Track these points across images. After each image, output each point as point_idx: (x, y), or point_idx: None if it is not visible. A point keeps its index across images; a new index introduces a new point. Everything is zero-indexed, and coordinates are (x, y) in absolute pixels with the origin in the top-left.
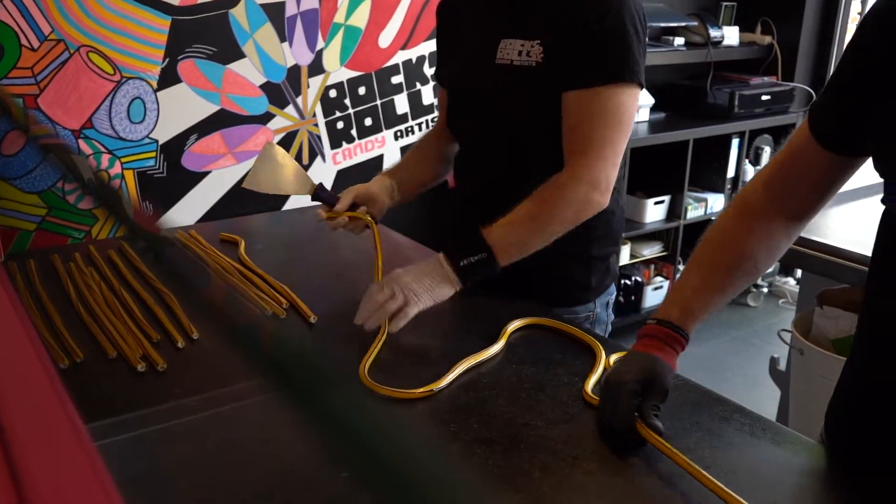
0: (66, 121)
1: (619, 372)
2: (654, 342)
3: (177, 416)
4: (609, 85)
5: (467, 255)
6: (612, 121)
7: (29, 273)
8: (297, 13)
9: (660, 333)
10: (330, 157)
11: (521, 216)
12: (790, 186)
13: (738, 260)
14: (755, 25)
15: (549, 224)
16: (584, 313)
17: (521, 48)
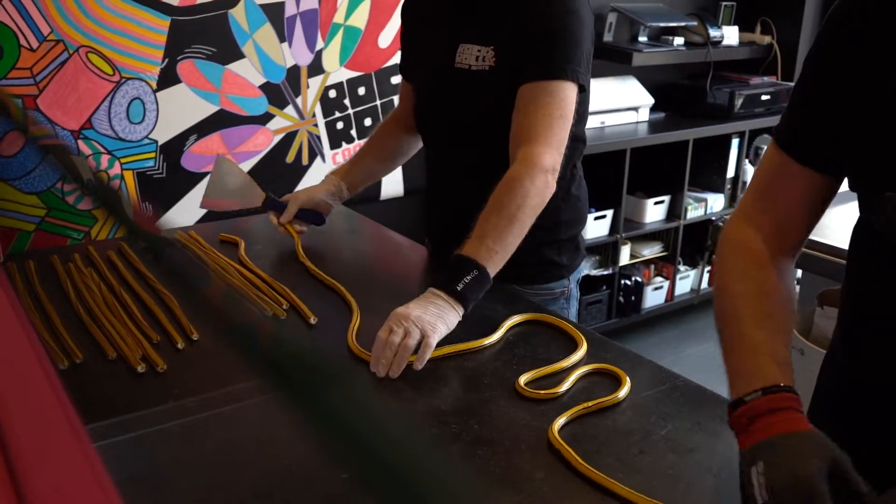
0: (65, 121)
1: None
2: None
3: (176, 417)
4: (555, 80)
5: (461, 277)
6: (555, 113)
7: (28, 274)
8: (297, 13)
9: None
10: (329, 157)
11: (494, 220)
12: (781, 220)
13: (786, 303)
14: (755, 25)
15: (521, 218)
16: (559, 289)
17: (478, 53)
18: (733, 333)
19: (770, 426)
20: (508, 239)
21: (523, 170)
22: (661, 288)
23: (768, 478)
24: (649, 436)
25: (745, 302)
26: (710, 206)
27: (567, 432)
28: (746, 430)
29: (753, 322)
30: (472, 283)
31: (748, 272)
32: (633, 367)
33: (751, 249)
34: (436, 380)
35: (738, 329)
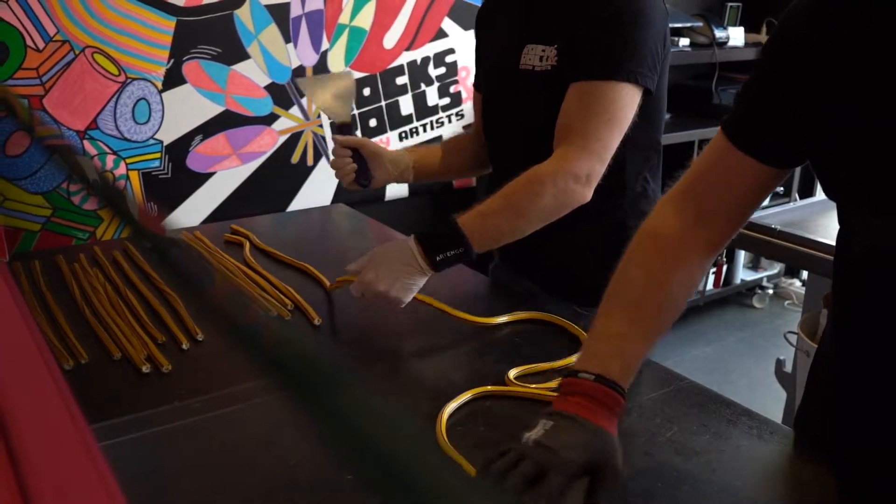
0: (70, 122)
1: (560, 443)
2: (594, 405)
3: (181, 418)
4: (605, 80)
5: (444, 249)
6: (604, 116)
7: (34, 274)
8: (302, 14)
9: (600, 394)
10: None
11: (500, 205)
12: (706, 209)
13: (665, 301)
14: (760, 26)
15: (528, 215)
16: None
17: (542, 53)
18: (607, 315)
19: (582, 407)
20: (509, 229)
21: (550, 169)
22: None
23: (545, 434)
24: (654, 438)
25: (625, 287)
26: None
27: None
28: (564, 398)
29: (626, 313)
30: (452, 258)
31: (646, 260)
32: (638, 369)
33: (661, 236)
34: (440, 381)
35: (612, 314)
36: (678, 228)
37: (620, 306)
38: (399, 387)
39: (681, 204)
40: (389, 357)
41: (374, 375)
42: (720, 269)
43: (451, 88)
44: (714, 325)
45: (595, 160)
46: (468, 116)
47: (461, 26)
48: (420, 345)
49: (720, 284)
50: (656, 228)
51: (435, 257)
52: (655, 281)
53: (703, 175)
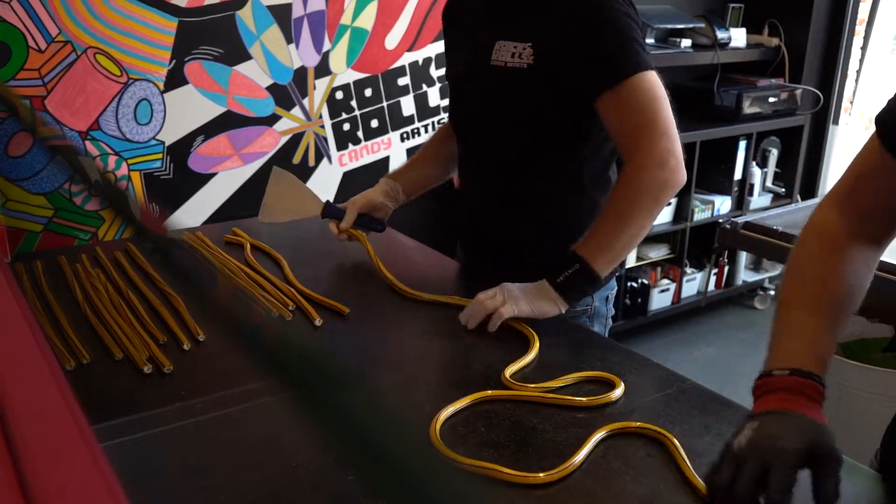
0: (72, 122)
1: (773, 435)
2: (796, 397)
3: (182, 418)
4: (625, 80)
5: (562, 271)
6: (647, 104)
7: (35, 274)
8: (304, 15)
9: (799, 386)
10: (336, 158)
11: (604, 220)
12: (868, 210)
13: (841, 293)
14: (762, 27)
15: (632, 219)
16: (581, 307)
17: (514, 50)
18: (788, 313)
19: (784, 401)
20: (620, 238)
21: (633, 169)
22: (668, 290)
23: (754, 434)
24: (656, 439)
25: (805, 286)
26: (716, 209)
27: (573, 435)
28: (764, 398)
29: (807, 307)
30: (572, 276)
31: (818, 256)
32: (640, 370)
33: (828, 233)
34: (441, 382)
35: (793, 310)
36: (842, 226)
37: (800, 302)
38: (401, 388)
39: (842, 206)
40: (389, 357)
41: (375, 375)
42: (721, 271)
43: None
44: (716, 326)
45: (666, 140)
46: None
47: None
48: (418, 346)
49: (722, 286)
50: (822, 227)
51: (555, 280)
52: (829, 274)
53: (858, 178)
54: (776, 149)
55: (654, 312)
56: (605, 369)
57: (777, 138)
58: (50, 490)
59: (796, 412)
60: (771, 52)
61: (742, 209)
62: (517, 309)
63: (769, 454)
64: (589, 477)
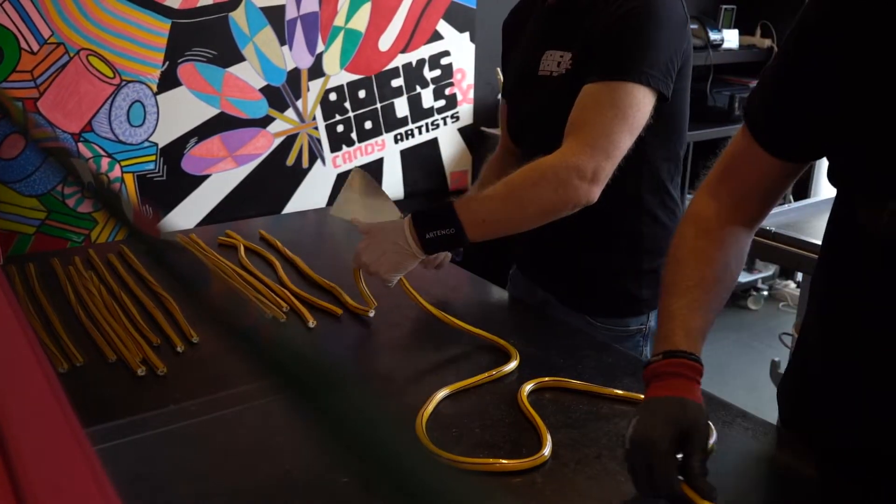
0: (65, 124)
1: (646, 430)
2: (671, 380)
3: (176, 421)
4: (617, 80)
5: (435, 227)
6: (616, 114)
7: (28, 277)
8: (297, 16)
9: (674, 367)
10: (330, 160)
11: (499, 193)
12: (739, 195)
13: (718, 273)
14: (755, 28)
15: (526, 204)
16: (636, 325)
17: (560, 59)
18: (664, 300)
19: (659, 388)
20: (506, 217)
21: (552, 161)
22: None
23: (632, 430)
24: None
25: (678, 270)
26: None
27: (567, 437)
28: (648, 388)
29: (678, 291)
30: (443, 239)
31: (690, 241)
32: (635, 371)
33: (702, 219)
34: (437, 383)
35: (665, 296)
36: (716, 211)
37: (677, 288)
38: (396, 389)
39: (715, 192)
40: (385, 359)
41: (368, 377)
42: None
43: (446, 91)
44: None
45: (602, 157)
46: (463, 118)
47: (456, 29)
48: (417, 345)
49: None
50: (697, 214)
51: (425, 235)
52: (704, 258)
53: (728, 165)
54: None
55: None
56: (600, 370)
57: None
58: (43, 493)
59: (666, 396)
60: (763, 53)
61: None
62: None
63: (646, 452)
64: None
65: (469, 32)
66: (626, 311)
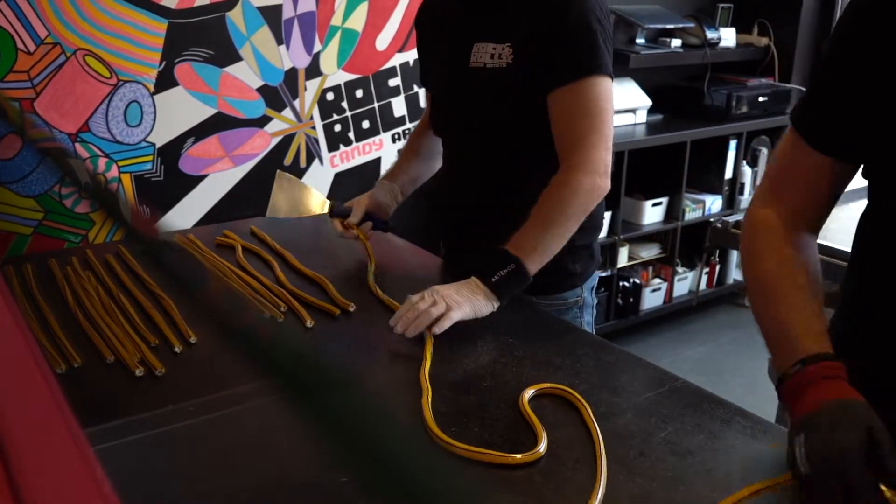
0: (62, 124)
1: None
2: (831, 384)
3: (175, 421)
4: (582, 79)
5: (497, 270)
6: (593, 111)
7: (26, 277)
8: (295, 16)
9: (827, 371)
10: (327, 159)
11: (537, 221)
12: (796, 201)
13: (810, 275)
14: (752, 27)
15: (564, 221)
16: (573, 298)
17: (493, 51)
18: (769, 314)
19: (816, 394)
20: (551, 239)
21: (568, 173)
22: (660, 290)
23: (808, 449)
24: (649, 438)
25: (773, 279)
26: (707, 208)
27: (565, 435)
28: (795, 403)
29: (783, 299)
30: (506, 277)
31: (772, 249)
32: (632, 369)
33: (771, 227)
34: (436, 382)
35: (772, 309)
36: (779, 219)
37: (775, 298)
38: (395, 389)
39: (772, 202)
40: (381, 358)
41: (366, 376)
42: (713, 270)
43: None
44: (707, 325)
45: (602, 150)
46: None
47: None
48: (416, 345)
49: (713, 284)
50: (762, 223)
51: (490, 279)
52: (786, 261)
53: (781, 175)
54: (766, 148)
55: (646, 312)
56: (599, 370)
57: (767, 137)
58: (42, 495)
59: (833, 400)
60: (760, 51)
61: (733, 208)
62: (462, 312)
63: (840, 465)
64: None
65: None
66: (564, 286)
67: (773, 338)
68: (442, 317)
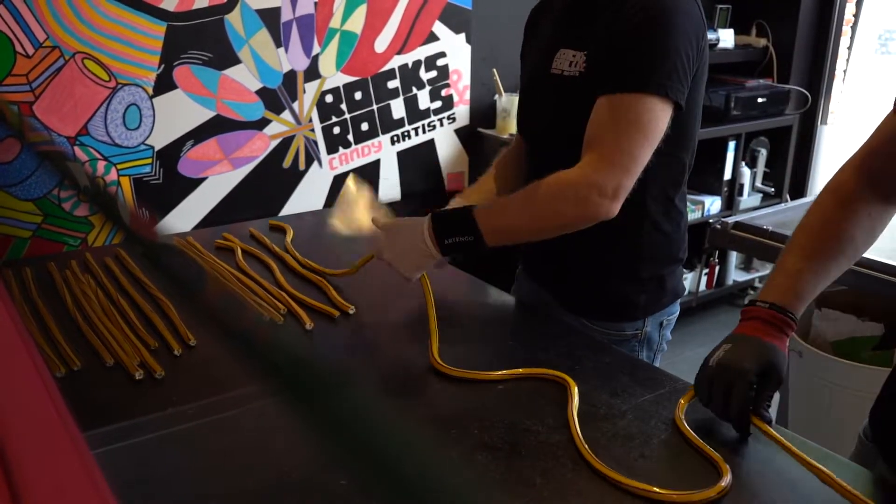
0: (61, 128)
1: (737, 358)
2: (766, 327)
3: (174, 424)
4: (635, 93)
5: (454, 233)
6: (632, 129)
7: (25, 281)
8: (293, 18)
9: (771, 318)
10: (326, 162)
11: (518, 203)
12: (884, 169)
13: (841, 244)
14: (750, 28)
15: (545, 217)
16: (631, 331)
17: (573, 58)
18: (785, 256)
19: (756, 329)
20: (523, 228)
21: (574, 177)
22: None
23: (722, 355)
24: (650, 440)
25: (803, 232)
26: (706, 209)
27: (566, 436)
28: (742, 322)
29: (802, 252)
30: (461, 245)
31: (826, 208)
32: (633, 371)
33: (843, 190)
34: (435, 384)
35: (789, 254)
36: (857, 183)
37: (798, 246)
38: (394, 390)
39: (858, 166)
40: (383, 359)
41: (367, 378)
42: (712, 271)
43: (442, 92)
44: (707, 326)
45: (623, 174)
46: (459, 120)
47: (452, 30)
48: (415, 345)
49: (713, 285)
50: (836, 185)
51: (444, 240)
52: (831, 225)
53: (873, 144)
54: (765, 149)
55: None
56: (599, 372)
57: (766, 138)
58: (42, 498)
59: (760, 338)
60: (759, 52)
61: (732, 209)
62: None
63: (731, 375)
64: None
65: (465, 34)
66: (623, 316)
67: (773, 273)
68: None
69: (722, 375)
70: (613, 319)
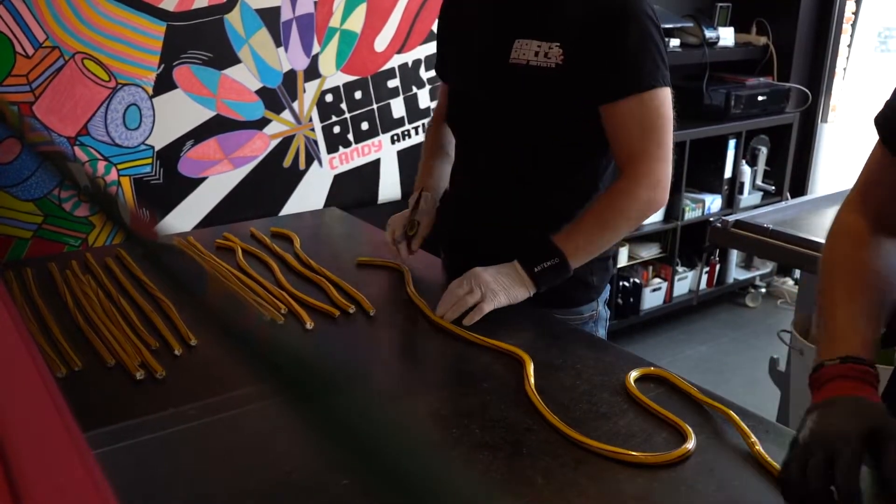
0: (61, 128)
1: (831, 421)
2: (849, 383)
3: (175, 424)
4: (645, 92)
5: (540, 260)
6: (655, 123)
7: (25, 281)
8: (293, 18)
9: (851, 372)
10: (327, 161)
11: (589, 220)
12: (881, 207)
13: (880, 281)
14: (750, 26)
15: (616, 228)
16: (588, 312)
17: (538, 49)
18: (826, 308)
19: (838, 388)
20: (599, 241)
21: (629, 183)
22: (660, 289)
23: (813, 424)
24: (650, 438)
25: (842, 280)
26: (707, 207)
27: (566, 436)
28: (820, 389)
29: (847, 299)
30: (549, 269)
31: (848, 252)
32: (633, 369)
33: (853, 231)
34: (436, 383)
35: (831, 305)
36: (864, 224)
37: (841, 295)
38: (394, 390)
39: (858, 207)
40: (383, 359)
41: (367, 378)
42: (713, 269)
43: None
44: (707, 324)
45: (663, 164)
46: None
47: None
48: (415, 345)
49: (713, 284)
50: (847, 227)
51: (533, 269)
52: (861, 265)
53: (868, 181)
54: (765, 147)
55: (646, 311)
56: (600, 370)
57: (766, 136)
58: (42, 498)
59: (851, 396)
60: (759, 50)
61: (732, 207)
62: (496, 303)
63: (832, 441)
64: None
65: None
66: (581, 300)
67: (827, 329)
68: (475, 308)
69: (818, 447)
70: (575, 304)
